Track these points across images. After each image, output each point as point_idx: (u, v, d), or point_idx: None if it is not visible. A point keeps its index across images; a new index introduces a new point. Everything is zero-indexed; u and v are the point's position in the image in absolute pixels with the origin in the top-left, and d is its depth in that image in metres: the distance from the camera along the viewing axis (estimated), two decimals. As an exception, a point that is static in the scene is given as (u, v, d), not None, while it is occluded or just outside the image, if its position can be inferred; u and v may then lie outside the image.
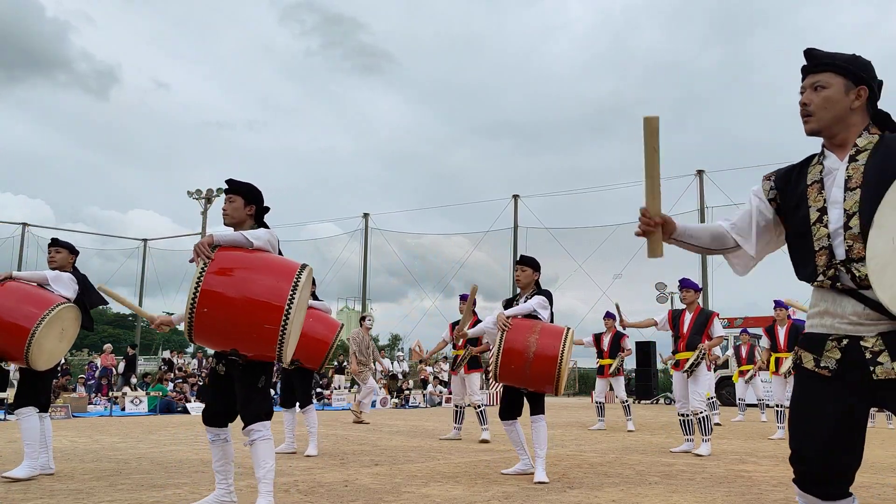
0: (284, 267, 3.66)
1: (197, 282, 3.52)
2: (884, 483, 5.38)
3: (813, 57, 2.16)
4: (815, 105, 2.12)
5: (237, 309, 3.53)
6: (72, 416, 12.66)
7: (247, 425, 3.79)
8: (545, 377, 5.28)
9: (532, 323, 5.48)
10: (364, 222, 35.59)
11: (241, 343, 3.60)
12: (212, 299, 3.51)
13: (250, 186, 4.06)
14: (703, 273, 28.01)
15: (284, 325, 3.47)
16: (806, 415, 2.14)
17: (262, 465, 3.78)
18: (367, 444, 8.04)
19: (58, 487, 4.76)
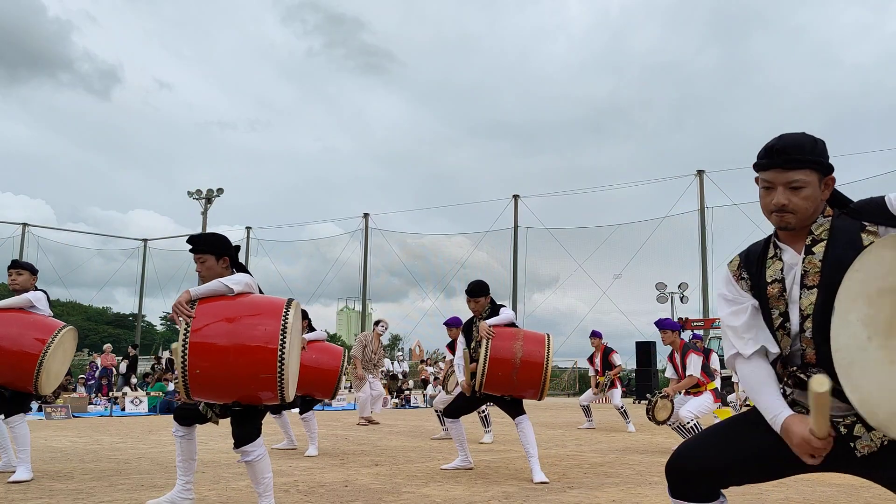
0: (270, 307, 3.52)
1: (184, 345, 3.35)
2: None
3: (782, 154, 1.98)
4: (795, 205, 1.98)
5: (230, 362, 3.39)
6: (72, 416, 12.66)
7: (238, 446, 3.67)
8: (531, 383, 5.38)
9: (515, 330, 5.59)
10: (364, 222, 35.61)
11: (240, 395, 3.53)
12: (202, 358, 3.36)
13: (214, 239, 3.88)
14: (703, 273, 28.03)
15: (281, 370, 3.37)
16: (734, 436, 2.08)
17: (262, 481, 3.70)
18: (367, 444, 8.04)
19: (58, 487, 4.76)
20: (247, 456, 3.65)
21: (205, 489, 4.74)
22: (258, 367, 3.37)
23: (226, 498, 4.43)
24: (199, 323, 3.40)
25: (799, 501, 4.54)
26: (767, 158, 2.01)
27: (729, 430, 2.14)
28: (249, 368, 3.38)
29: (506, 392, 5.51)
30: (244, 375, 3.40)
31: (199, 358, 3.35)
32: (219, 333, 3.41)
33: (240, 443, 3.65)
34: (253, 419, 3.71)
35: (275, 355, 3.35)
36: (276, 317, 3.44)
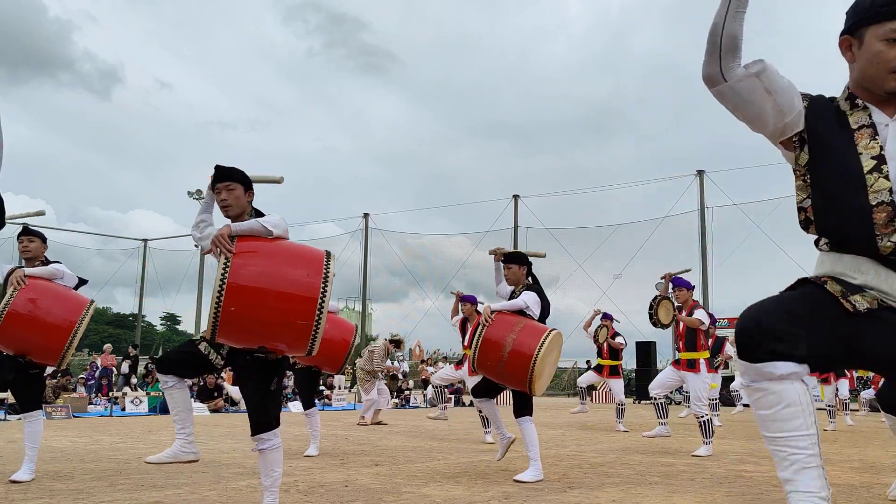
0: (311, 256, 3.46)
1: (221, 279, 3.24)
2: (884, 483, 5.38)
3: None
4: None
5: (267, 306, 3.30)
6: (72, 416, 12.66)
7: (256, 433, 3.60)
8: (518, 377, 5.15)
9: (516, 320, 5.34)
10: (364, 222, 35.60)
11: (270, 340, 3.41)
12: (239, 296, 3.24)
13: (242, 172, 3.80)
14: (703, 273, 28.03)
15: (318, 319, 3.30)
16: (800, 303, 1.84)
17: (271, 474, 3.63)
18: (367, 444, 8.04)
19: (58, 487, 4.76)
20: (262, 444, 3.59)
21: (205, 489, 4.75)
22: (295, 314, 3.30)
23: (226, 498, 4.44)
24: (239, 260, 3.30)
25: (799, 501, 4.54)
26: (890, 6, 1.83)
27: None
28: (286, 315, 3.30)
29: (496, 379, 5.44)
30: (278, 321, 3.32)
31: (236, 296, 3.23)
32: (259, 274, 3.31)
33: (259, 429, 3.59)
34: (274, 405, 3.66)
35: (314, 305, 3.29)
36: (318, 267, 3.38)
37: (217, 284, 3.24)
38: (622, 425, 11.00)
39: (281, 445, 3.67)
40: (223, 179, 3.71)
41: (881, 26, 1.86)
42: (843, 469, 6.24)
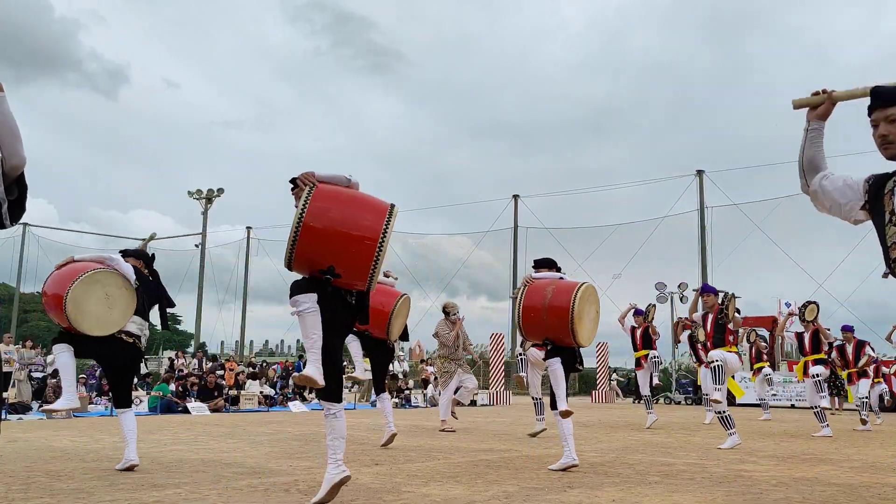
0: (378, 205, 4.11)
1: (306, 199, 3.89)
2: (884, 483, 5.38)
3: (881, 95, 2.48)
4: (894, 134, 2.45)
5: (342, 224, 3.94)
6: (72, 416, 12.66)
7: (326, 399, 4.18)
8: (562, 326, 5.71)
9: (550, 281, 6.03)
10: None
11: (341, 259, 3.94)
12: (319, 214, 3.90)
13: None
14: (703, 273, 28.03)
15: (381, 245, 3.92)
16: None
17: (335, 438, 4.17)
18: (367, 444, 8.04)
19: (58, 487, 4.77)
20: (328, 411, 4.15)
21: (205, 489, 4.75)
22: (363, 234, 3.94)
23: (226, 498, 4.44)
24: (321, 191, 3.99)
25: (799, 501, 4.55)
26: (871, 101, 2.51)
27: None
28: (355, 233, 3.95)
29: (543, 335, 5.94)
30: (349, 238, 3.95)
31: (316, 214, 3.90)
32: (336, 203, 4.00)
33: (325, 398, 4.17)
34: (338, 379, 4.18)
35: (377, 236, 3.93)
36: (381, 214, 4.02)
37: (298, 212, 3.88)
38: (653, 415, 11.44)
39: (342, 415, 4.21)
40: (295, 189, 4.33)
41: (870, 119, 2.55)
42: (843, 469, 6.25)
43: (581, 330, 5.72)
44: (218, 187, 36.09)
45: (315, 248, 3.93)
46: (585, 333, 5.82)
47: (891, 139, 2.45)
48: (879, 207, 2.51)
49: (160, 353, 33.71)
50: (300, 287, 4.06)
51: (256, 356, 39.01)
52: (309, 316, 4.01)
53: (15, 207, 2.78)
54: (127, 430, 5.70)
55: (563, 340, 5.85)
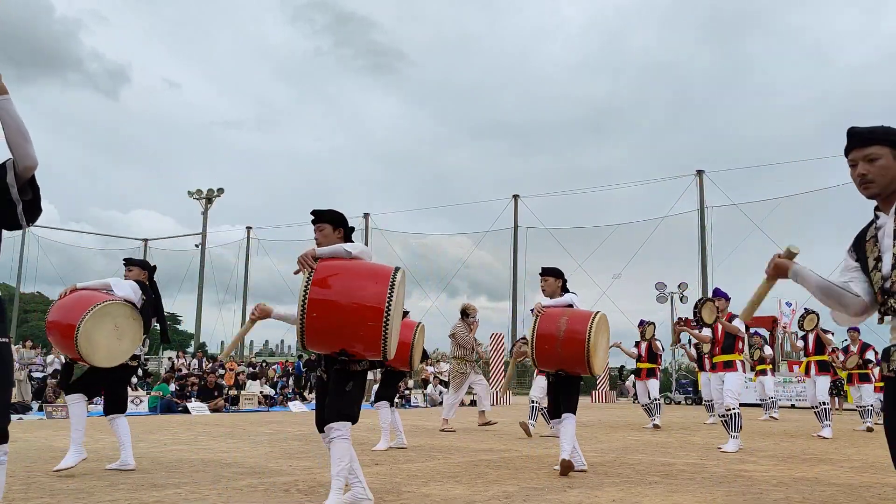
0: (381, 271, 3.99)
1: (304, 290, 3.81)
2: (884, 483, 5.38)
3: (856, 134, 2.52)
4: (873, 174, 2.47)
5: (343, 312, 3.84)
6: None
7: (327, 422, 3.97)
8: (577, 356, 5.64)
9: (563, 310, 5.93)
10: (364, 223, 35.62)
11: (349, 342, 3.89)
12: (319, 305, 3.82)
13: (333, 213, 4.29)
14: (703, 274, 28.02)
15: (386, 323, 3.80)
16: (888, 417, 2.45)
17: (336, 464, 3.93)
18: (367, 444, 8.04)
19: (58, 487, 4.77)
20: (331, 433, 3.94)
21: (205, 488, 4.75)
22: (367, 316, 3.81)
23: (226, 498, 4.44)
24: (319, 276, 3.88)
25: (799, 501, 4.55)
26: (848, 142, 2.54)
27: None
28: (359, 316, 3.83)
29: (557, 366, 5.86)
30: (354, 322, 3.84)
31: (317, 305, 3.82)
32: (335, 288, 3.88)
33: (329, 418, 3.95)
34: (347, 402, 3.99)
35: (381, 312, 3.80)
36: (385, 281, 3.89)
37: (301, 296, 3.81)
38: (658, 419, 11.46)
39: (348, 439, 3.96)
40: (315, 221, 4.30)
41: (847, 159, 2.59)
42: (843, 469, 6.25)
43: (596, 361, 5.67)
44: (218, 187, 36.10)
45: (324, 327, 3.86)
46: (599, 363, 5.78)
47: (870, 178, 2.47)
48: (863, 255, 2.55)
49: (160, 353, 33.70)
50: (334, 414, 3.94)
51: (256, 356, 39.01)
52: (341, 442, 3.94)
53: (30, 209, 2.82)
54: (121, 435, 5.69)
55: (576, 371, 5.81)
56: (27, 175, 2.76)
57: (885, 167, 2.45)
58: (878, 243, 2.50)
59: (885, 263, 2.45)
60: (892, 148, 2.46)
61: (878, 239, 2.50)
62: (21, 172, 2.74)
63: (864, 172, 2.47)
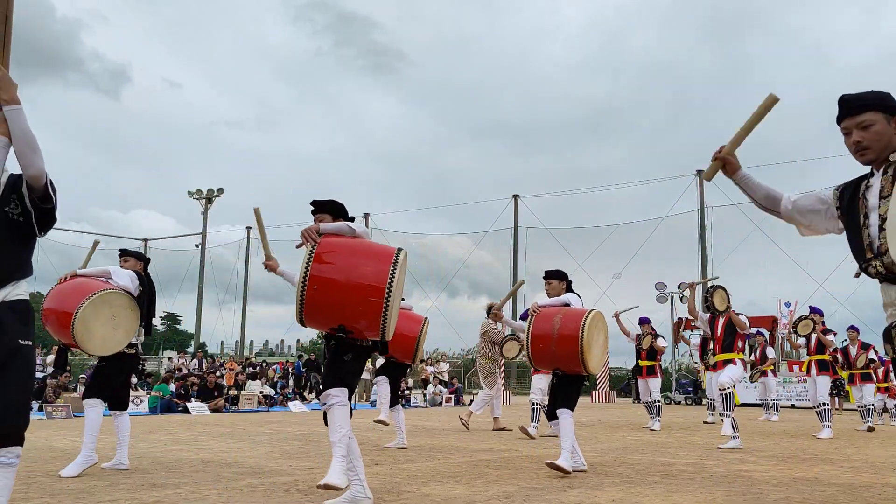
0: (383, 251, 3.97)
1: (306, 264, 3.79)
2: (884, 483, 5.38)
3: (848, 102, 2.53)
4: (868, 140, 2.48)
5: (344, 288, 3.82)
6: (72, 416, 12.66)
7: (324, 389, 3.96)
8: (571, 355, 5.62)
9: (558, 309, 5.94)
10: (364, 222, 35.56)
11: (348, 318, 3.86)
12: (320, 279, 3.80)
13: (333, 203, 4.31)
14: (703, 273, 28.00)
15: (387, 300, 3.75)
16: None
17: (337, 431, 3.92)
18: (367, 444, 8.04)
19: (58, 487, 4.77)
20: (329, 399, 3.92)
21: (205, 489, 4.75)
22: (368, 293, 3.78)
23: (226, 498, 4.44)
24: (322, 250, 3.86)
25: (799, 501, 4.55)
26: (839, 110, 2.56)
27: None
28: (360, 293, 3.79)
29: (553, 365, 5.89)
30: (355, 299, 3.81)
31: (317, 279, 3.79)
32: (337, 262, 3.86)
33: (326, 385, 3.95)
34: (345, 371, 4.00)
35: (383, 291, 3.76)
36: (387, 260, 3.86)
37: (302, 269, 3.79)
38: (658, 423, 11.27)
39: (347, 405, 3.94)
40: (315, 211, 4.33)
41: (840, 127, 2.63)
42: (843, 469, 6.25)
43: (590, 359, 5.65)
44: (218, 187, 36.13)
45: (323, 302, 3.84)
46: (595, 362, 5.75)
47: (865, 144, 2.48)
48: (854, 209, 2.56)
49: (160, 353, 33.73)
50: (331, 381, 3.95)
51: (256, 356, 39.00)
52: (338, 409, 3.92)
53: (44, 217, 2.89)
54: (121, 433, 5.71)
55: (572, 370, 5.80)
56: (36, 184, 2.82)
57: (880, 132, 2.47)
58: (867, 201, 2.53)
59: (871, 223, 2.48)
60: (885, 113, 2.47)
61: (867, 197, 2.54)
62: (29, 182, 2.81)
63: (859, 140, 2.49)
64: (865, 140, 2.48)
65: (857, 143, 2.49)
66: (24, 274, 2.89)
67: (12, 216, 2.83)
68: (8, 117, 2.75)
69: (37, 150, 2.78)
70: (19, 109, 2.76)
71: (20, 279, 2.87)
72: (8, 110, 2.75)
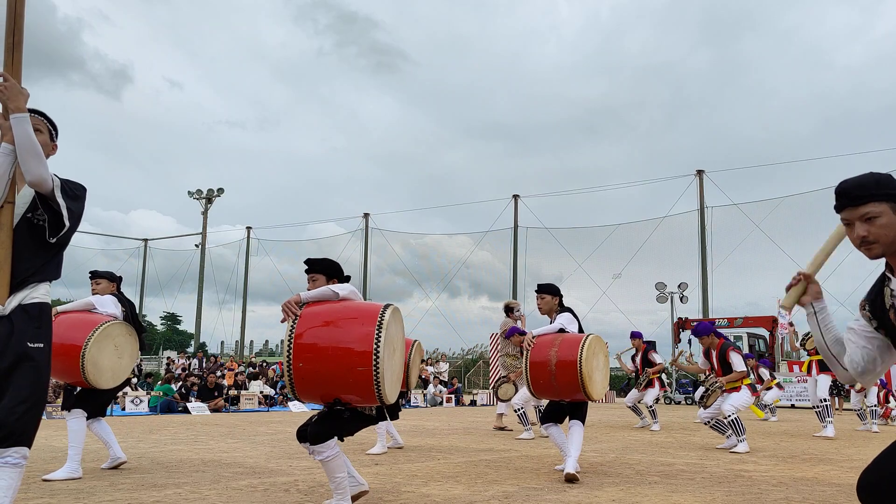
0: (368, 311, 3.76)
1: (289, 339, 3.67)
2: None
3: (847, 193, 2.27)
4: (874, 234, 2.22)
5: (330, 358, 3.66)
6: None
7: (313, 443, 3.84)
8: (572, 385, 5.45)
9: (553, 337, 5.72)
10: (364, 222, 35.61)
11: (340, 391, 3.72)
12: (305, 353, 3.66)
13: (328, 262, 4.25)
14: (703, 273, 28.01)
15: (376, 366, 3.58)
16: None
17: (333, 479, 3.92)
18: (367, 444, 8.04)
19: (58, 487, 4.77)
20: (318, 456, 3.85)
21: (205, 489, 4.75)
22: (356, 361, 3.60)
23: (226, 498, 4.44)
24: (304, 323, 3.71)
25: (799, 501, 4.55)
26: (838, 201, 2.31)
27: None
28: (347, 362, 3.62)
29: (556, 396, 5.74)
30: (343, 370, 3.64)
31: (302, 353, 3.65)
32: (320, 333, 3.70)
33: (312, 440, 3.83)
34: (334, 424, 3.87)
35: (370, 355, 3.58)
36: (372, 320, 3.66)
37: (286, 346, 3.67)
38: (657, 425, 11.35)
39: (338, 454, 3.86)
40: (308, 271, 4.22)
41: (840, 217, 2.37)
42: (843, 469, 6.25)
43: (592, 387, 5.48)
44: (218, 187, 36.15)
45: (312, 377, 3.68)
46: (597, 388, 5.61)
47: (871, 239, 2.21)
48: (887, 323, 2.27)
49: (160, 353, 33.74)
50: (318, 435, 3.83)
51: (256, 356, 39.03)
52: (332, 462, 3.88)
53: (55, 222, 2.96)
54: (104, 436, 5.67)
55: (575, 399, 5.68)
56: (40, 190, 2.92)
57: (887, 225, 2.19)
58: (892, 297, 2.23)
59: None
60: (890, 202, 2.20)
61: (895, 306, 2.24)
62: (32, 187, 2.92)
63: (865, 234, 2.22)
64: (871, 235, 2.20)
65: (863, 238, 2.22)
66: (43, 277, 2.98)
67: (36, 221, 2.95)
68: (12, 125, 2.83)
69: (38, 157, 2.86)
70: (25, 118, 2.85)
71: (39, 282, 2.95)
72: (13, 118, 2.84)
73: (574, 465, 5.48)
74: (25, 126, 2.84)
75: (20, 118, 2.84)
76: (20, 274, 2.87)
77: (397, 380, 4.00)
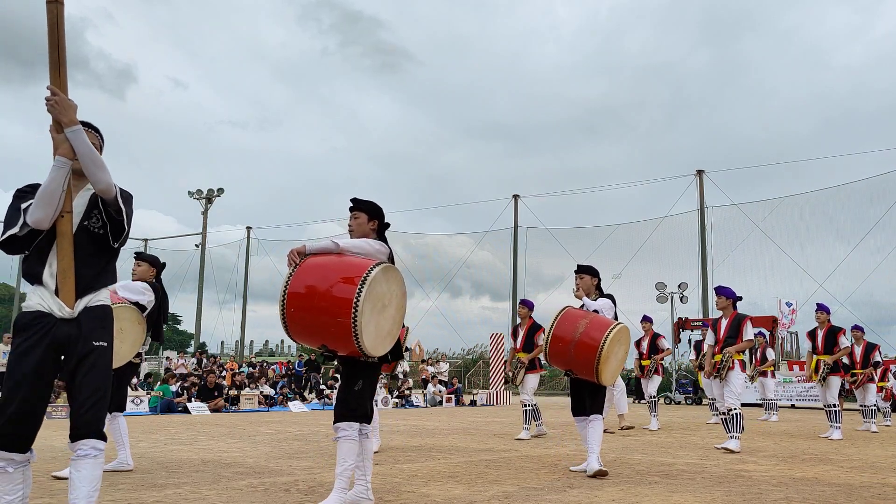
0: (357, 266, 3.93)
1: (284, 285, 3.89)
2: (884, 483, 5.38)
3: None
4: None
5: (316, 307, 3.87)
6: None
7: (335, 422, 4.03)
8: (587, 362, 5.58)
9: (586, 313, 5.91)
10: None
11: (326, 338, 3.91)
12: (296, 301, 3.88)
13: (372, 204, 4.36)
14: (703, 273, 28.02)
15: (355, 317, 3.73)
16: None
17: (340, 464, 3.99)
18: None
19: (58, 487, 4.77)
20: (338, 433, 4.00)
21: (205, 489, 4.75)
22: (338, 311, 3.78)
23: (226, 498, 4.44)
24: (300, 272, 3.93)
25: (799, 501, 4.55)
26: None
27: None
28: (331, 312, 3.80)
29: (566, 366, 5.86)
30: (327, 319, 3.82)
31: (293, 300, 3.88)
32: (311, 283, 3.90)
33: (336, 419, 4.02)
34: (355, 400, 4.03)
35: (350, 305, 3.73)
36: (359, 273, 3.84)
37: (281, 292, 3.88)
38: (656, 422, 11.23)
39: (355, 440, 3.98)
40: (352, 209, 4.36)
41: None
42: (843, 469, 6.25)
43: (605, 371, 5.58)
44: (218, 187, 36.15)
45: (301, 323, 3.92)
46: (609, 375, 5.68)
47: None
48: None
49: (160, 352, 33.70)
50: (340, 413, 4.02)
51: (256, 356, 39.01)
52: (346, 443, 3.98)
53: (117, 228, 3.10)
54: (120, 434, 5.69)
55: (583, 375, 5.74)
56: (106, 198, 3.04)
57: None
58: None
59: None
60: None
61: None
62: (100, 196, 3.03)
63: None
64: None
65: None
66: (106, 283, 3.14)
67: (94, 230, 3.07)
68: (70, 139, 2.91)
69: (101, 166, 2.97)
70: (79, 129, 2.93)
71: (101, 287, 3.11)
72: (69, 132, 2.91)
73: (597, 461, 5.58)
74: (83, 137, 2.93)
75: (76, 130, 2.92)
76: (83, 280, 3.00)
77: (386, 335, 4.07)
